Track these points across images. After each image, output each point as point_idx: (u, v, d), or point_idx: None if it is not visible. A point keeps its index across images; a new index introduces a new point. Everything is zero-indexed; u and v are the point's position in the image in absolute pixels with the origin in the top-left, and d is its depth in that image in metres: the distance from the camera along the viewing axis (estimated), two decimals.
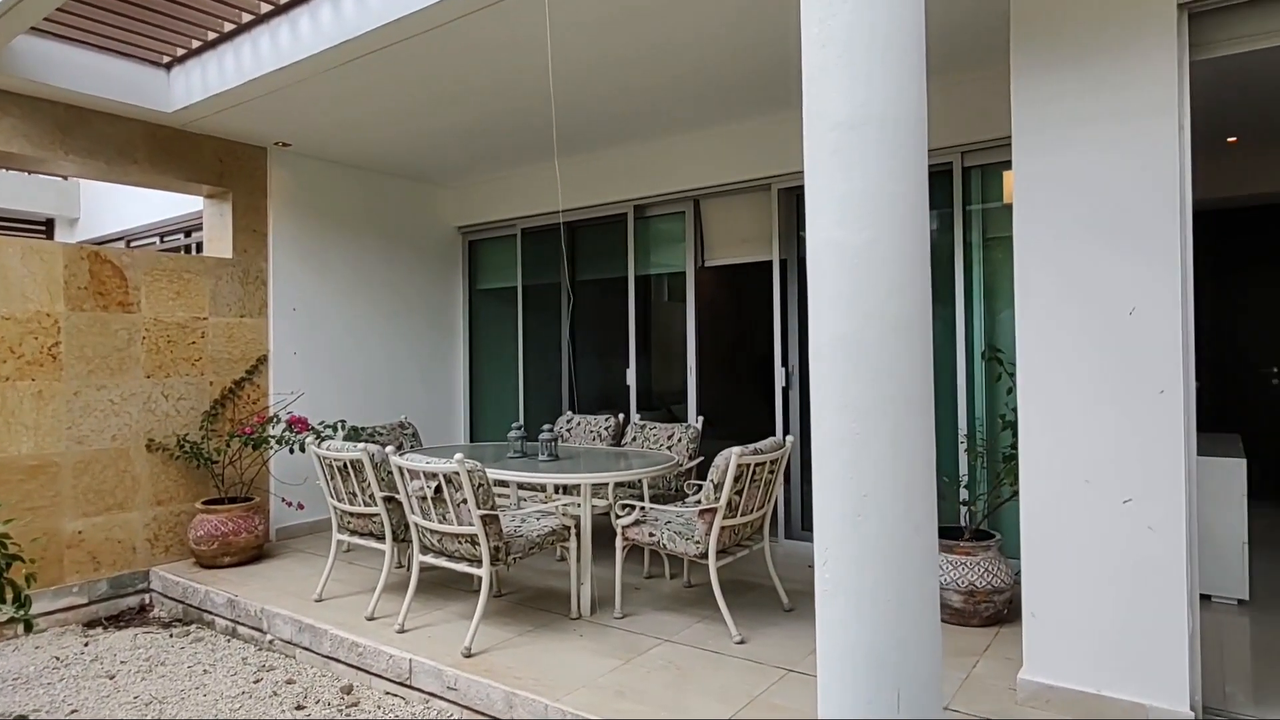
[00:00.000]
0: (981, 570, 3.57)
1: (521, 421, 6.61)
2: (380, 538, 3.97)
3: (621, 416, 5.43)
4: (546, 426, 4.31)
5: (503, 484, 4.96)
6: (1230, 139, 5.64)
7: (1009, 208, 3.46)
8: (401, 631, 3.65)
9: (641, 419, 5.91)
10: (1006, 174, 4.42)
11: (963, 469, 4.41)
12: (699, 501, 3.73)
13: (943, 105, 4.47)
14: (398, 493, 3.72)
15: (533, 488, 4.75)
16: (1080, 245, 2.79)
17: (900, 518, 1.31)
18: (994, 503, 3.92)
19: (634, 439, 5.09)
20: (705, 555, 3.55)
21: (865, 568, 1.32)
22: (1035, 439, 2.88)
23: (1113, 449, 2.72)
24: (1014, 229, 2.93)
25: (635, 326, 6.08)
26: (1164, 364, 2.65)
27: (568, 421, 5.49)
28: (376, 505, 3.86)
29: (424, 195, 6.83)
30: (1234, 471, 3.74)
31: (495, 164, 6.30)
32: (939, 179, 4.64)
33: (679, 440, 4.89)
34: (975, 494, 4.16)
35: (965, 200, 4.56)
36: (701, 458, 4.82)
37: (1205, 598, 3.78)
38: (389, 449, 3.73)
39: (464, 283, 7.15)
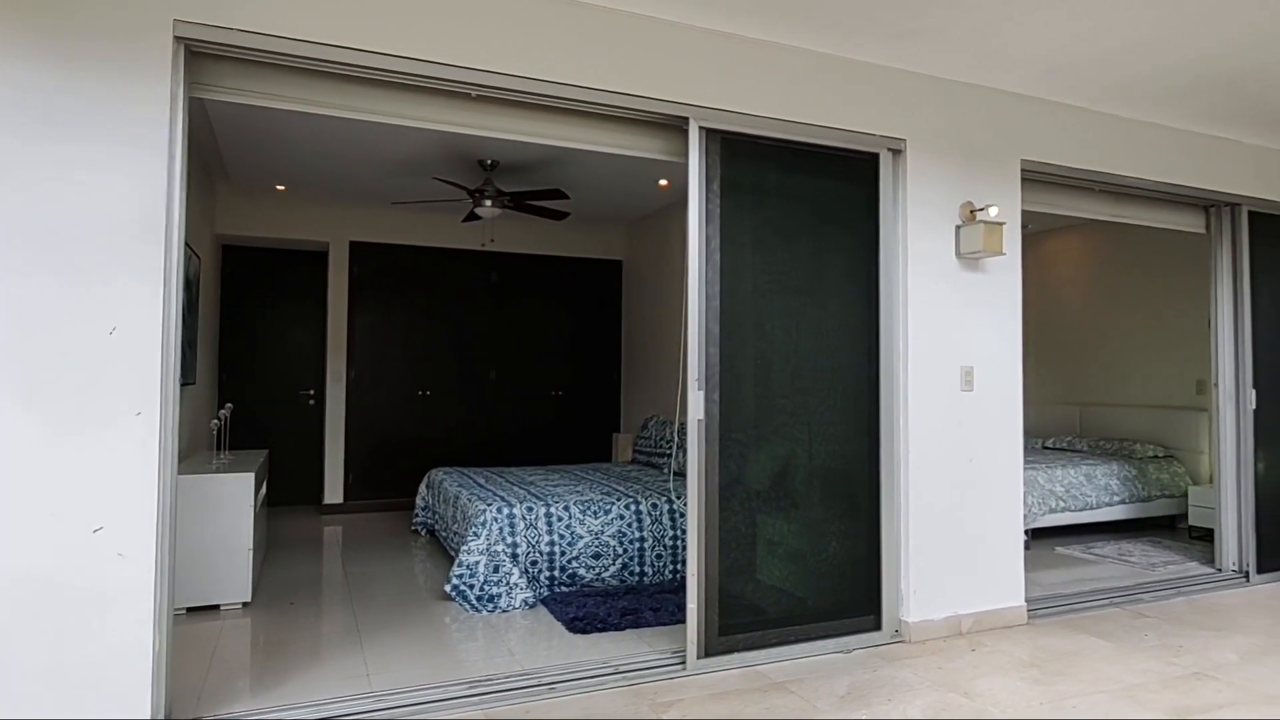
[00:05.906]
0: None
1: None
2: None
3: None
4: None
5: None
6: (280, 187, 6.40)
7: None
8: None
9: None
10: None
11: None
12: None
13: None
14: None
15: None
16: (58, 259, 2.56)
17: None
18: None
19: None
20: None
21: None
22: None
23: (84, 476, 2.57)
24: None
25: None
26: (144, 386, 2.65)
27: None
28: None
29: None
30: (245, 485, 4.11)
31: None
32: None
33: None
34: None
35: None
36: None
37: (215, 607, 4.03)
38: None
39: None
